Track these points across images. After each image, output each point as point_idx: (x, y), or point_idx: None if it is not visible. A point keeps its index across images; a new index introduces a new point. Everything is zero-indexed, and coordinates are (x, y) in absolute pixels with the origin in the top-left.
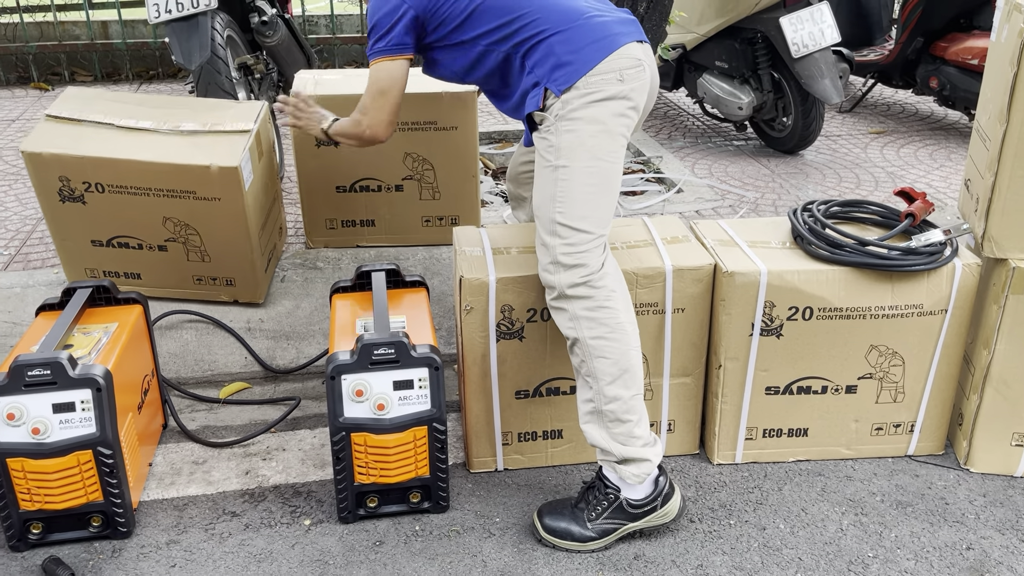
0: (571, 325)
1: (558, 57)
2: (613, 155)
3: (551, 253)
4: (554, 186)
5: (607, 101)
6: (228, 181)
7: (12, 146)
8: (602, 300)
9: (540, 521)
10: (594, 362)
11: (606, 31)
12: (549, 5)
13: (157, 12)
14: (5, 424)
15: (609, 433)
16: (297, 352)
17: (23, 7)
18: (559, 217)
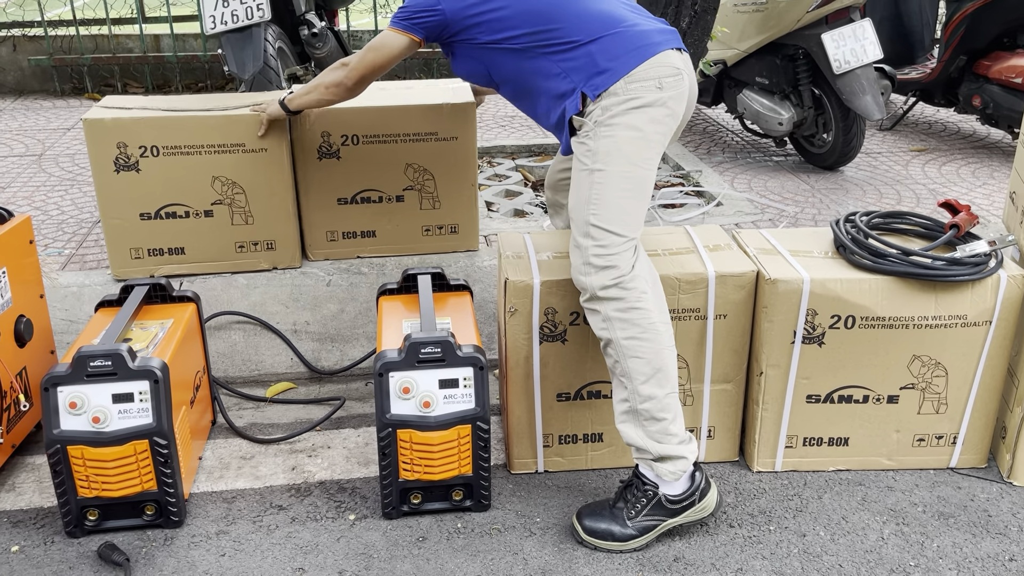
0: (604, 326)
1: (596, 64)
2: (648, 162)
3: (584, 254)
4: (589, 189)
5: (645, 108)
6: (274, 129)
7: (68, 153)
8: (633, 301)
9: (580, 523)
10: (628, 362)
11: (645, 39)
12: (587, 13)
13: (213, 24)
14: (67, 412)
15: (645, 431)
16: (341, 354)
17: (79, 20)
18: (593, 219)
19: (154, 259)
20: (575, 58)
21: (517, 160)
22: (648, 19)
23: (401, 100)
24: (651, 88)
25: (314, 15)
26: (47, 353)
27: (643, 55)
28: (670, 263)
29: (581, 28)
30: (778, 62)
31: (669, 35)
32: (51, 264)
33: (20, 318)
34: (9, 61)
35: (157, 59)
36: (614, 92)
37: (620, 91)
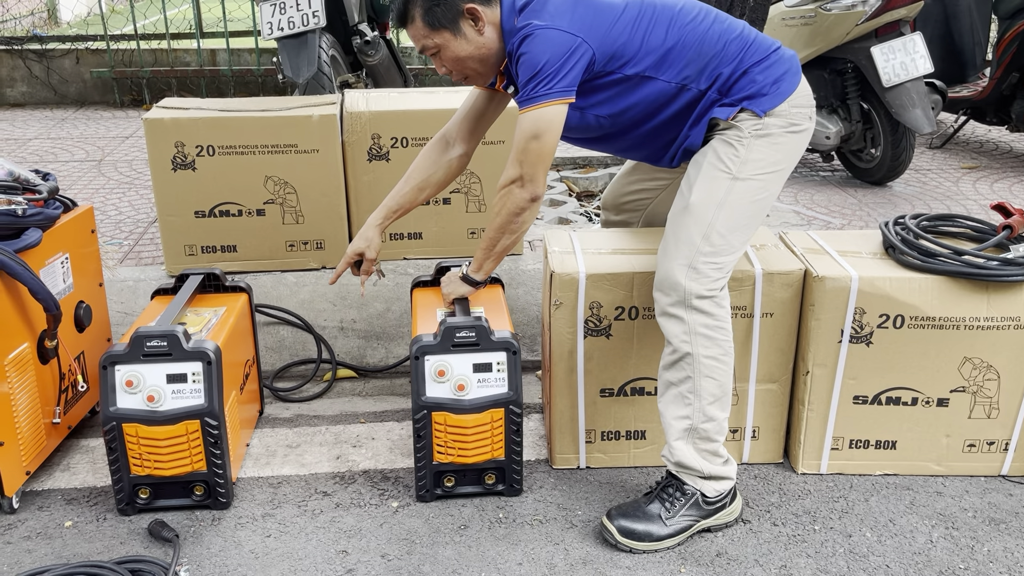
0: (686, 339)
1: (759, 85)
2: (778, 189)
3: (690, 254)
4: (727, 194)
5: (800, 135)
6: (327, 130)
7: (126, 159)
8: (722, 320)
9: (613, 524)
10: (702, 381)
11: (794, 61)
12: (743, 37)
13: (270, 30)
14: (124, 391)
15: (697, 450)
16: (386, 352)
17: (140, 35)
18: (719, 224)
19: (207, 256)
20: (738, 81)
21: (562, 172)
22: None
23: (449, 103)
24: (805, 117)
25: (366, 26)
26: (104, 340)
27: (797, 76)
28: None
29: (742, 51)
30: (826, 76)
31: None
32: (109, 259)
33: (80, 304)
34: (72, 73)
35: (213, 72)
36: (777, 112)
37: (783, 111)
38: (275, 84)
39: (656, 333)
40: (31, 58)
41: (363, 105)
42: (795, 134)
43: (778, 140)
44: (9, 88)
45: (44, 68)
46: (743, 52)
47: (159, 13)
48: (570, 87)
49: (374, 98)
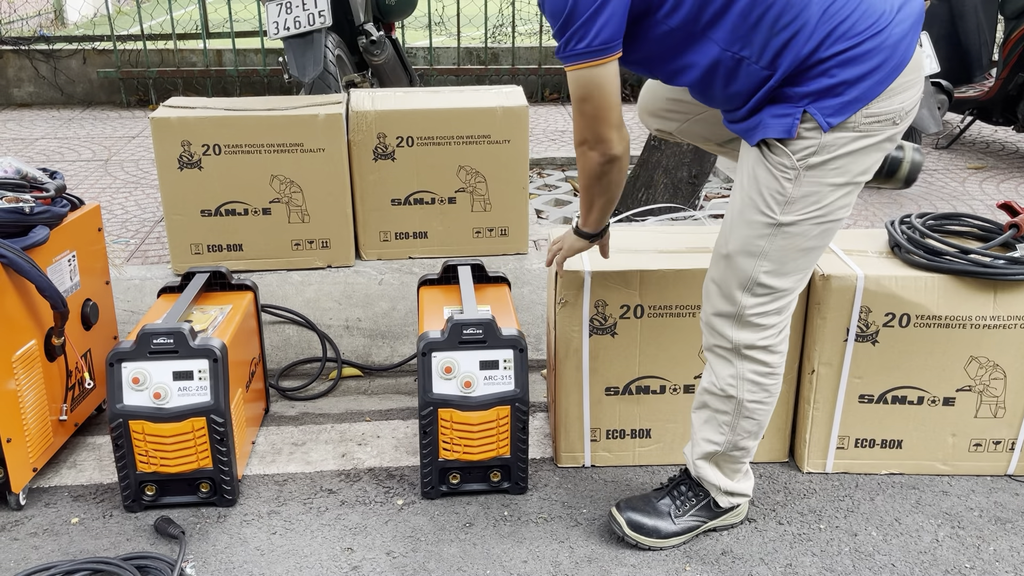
0: (732, 383)
1: (836, 76)
2: (847, 209)
3: (734, 309)
4: (767, 242)
5: (872, 149)
6: (333, 129)
7: (132, 159)
8: (775, 367)
9: (623, 516)
10: (741, 421)
11: (904, 39)
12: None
13: (276, 29)
14: (130, 388)
15: (722, 471)
16: (392, 350)
17: (147, 35)
18: (763, 277)
19: (213, 255)
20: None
21: (567, 171)
22: None
23: (455, 103)
24: (887, 125)
25: (372, 26)
26: (110, 338)
27: (896, 69)
28: None
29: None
30: None
31: (916, 15)
32: (116, 257)
33: (87, 301)
34: (79, 73)
35: (219, 73)
36: (846, 127)
37: (852, 126)
38: (281, 84)
39: (662, 331)
40: (38, 58)
41: (369, 104)
42: (865, 151)
43: (839, 164)
44: (16, 88)
45: (51, 68)
46: (827, 21)
47: (165, 14)
48: (612, 41)
49: (380, 97)
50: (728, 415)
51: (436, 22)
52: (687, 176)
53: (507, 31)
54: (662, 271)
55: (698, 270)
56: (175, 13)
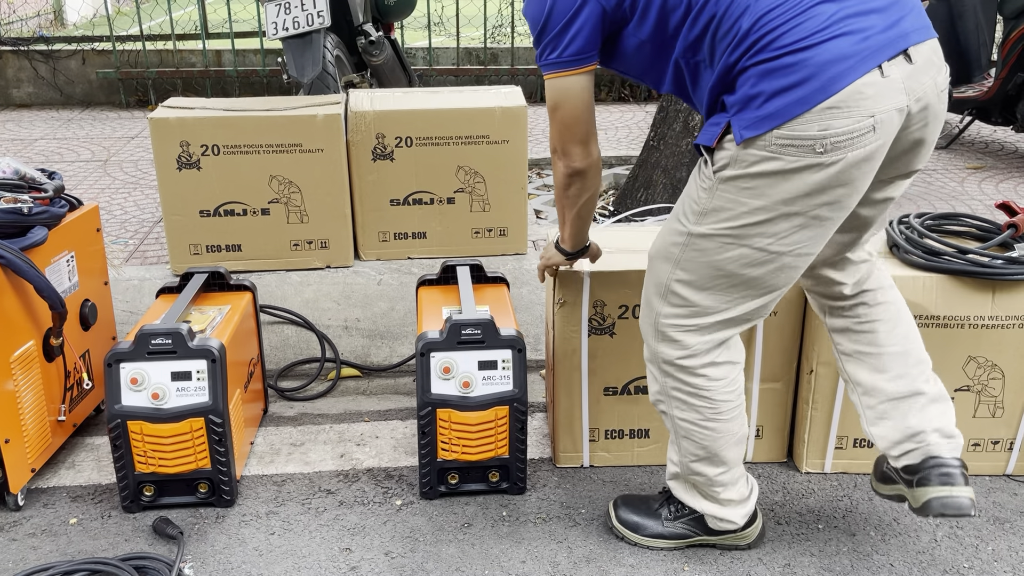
0: (660, 398)
1: (755, 87)
2: (780, 242)
3: (652, 314)
4: (679, 251)
5: (794, 176)
6: (332, 129)
7: (131, 159)
8: (703, 389)
9: (615, 511)
10: (680, 440)
11: (840, 61)
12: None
13: (275, 30)
14: (129, 388)
15: (700, 494)
16: (390, 351)
17: (146, 36)
18: (676, 285)
19: (212, 255)
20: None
21: None
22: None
23: (454, 103)
24: (805, 152)
25: (371, 26)
26: (109, 339)
27: (822, 92)
28: None
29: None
30: None
31: (887, 35)
32: (115, 258)
33: (85, 302)
34: (78, 74)
35: (218, 73)
36: (758, 144)
37: (764, 144)
38: (280, 84)
39: None
40: (37, 59)
41: (367, 105)
42: (786, 174)
43: (754, 183)
44: (15, 89)
45: (50, 69)
46: (755, 31)
47: (165, 14)
48: (584, 53)
49: (378, 98)
50: (672, 433)
51: (435, 22)
52: (686, 176)
53: (506, 31)
54: None
55: None
56: (174, 14)
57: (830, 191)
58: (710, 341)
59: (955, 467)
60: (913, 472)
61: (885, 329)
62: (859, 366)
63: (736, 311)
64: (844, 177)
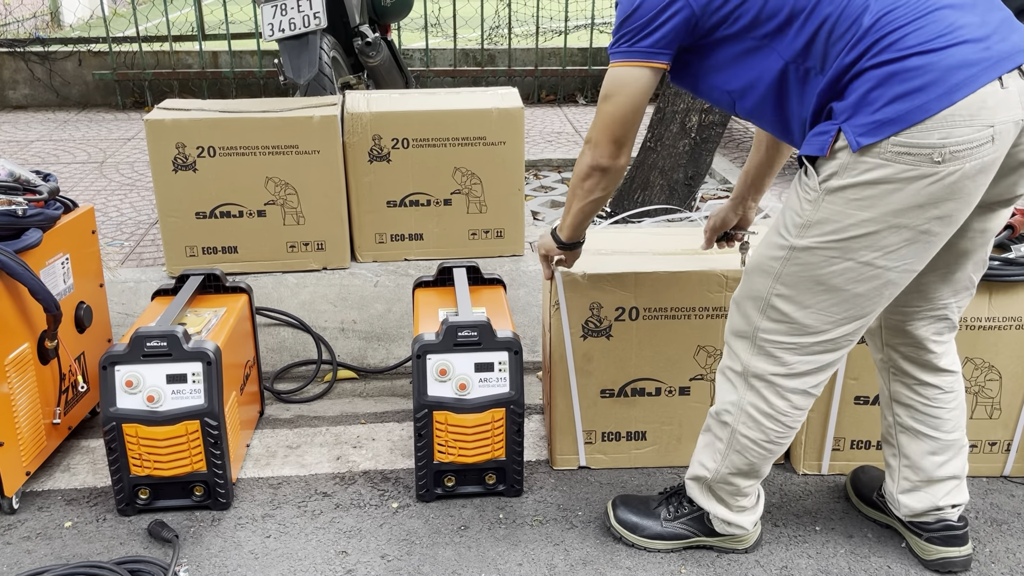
0: (730, 410)
1: (873, 91)
2: (888, 257)
3: (749, 327)
4: (781, 265)
5: (908, 186)
6: (328, 131)
7: (128, 161)
8: (780, 413)
9: (614, 511)
10: (732, 454)
11: (967, 67)
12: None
13: (271, 31)
14: (124, 391)
15: (715, 498)
16: (387, 353)
17: (142, 37)
18: (776, 300)
19: (208, 257)
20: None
21: (563, 173)
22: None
23: (451, 104)
24: (923, 161)
25: (367, 28)
26: (104, 341)
27: (946, 98)
28: (717, 258)
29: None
30: None
31: (997, 51)
32: (111, 260)
33: (81, 304)
34: (75, 75)
35: (215, 74)
36: (874, 151)
37: (879, 152)
38: (277, 86)
39: (657, 333)
40: (33, 60)
41: (364, 106)
42: (899, 183)
43: (863, 193)
44: (11, 90)
45: (46, 70)
46: (876, 30)
47: (161, 15)
48: (656, 48)
49: (375, 99)
50: (722, 443)
51: (432, 24)
52: (683, 177)
53: (503, 32)
54: (657, 273)
55: (693, 272)
56: (171, 15)
57: (943, 204)
58: (809, 363)
59: (962, 529)
60: (923, 528)
61: (952, 417)
62: (914, 442)
63: (836, 332)
64: (958, 189)
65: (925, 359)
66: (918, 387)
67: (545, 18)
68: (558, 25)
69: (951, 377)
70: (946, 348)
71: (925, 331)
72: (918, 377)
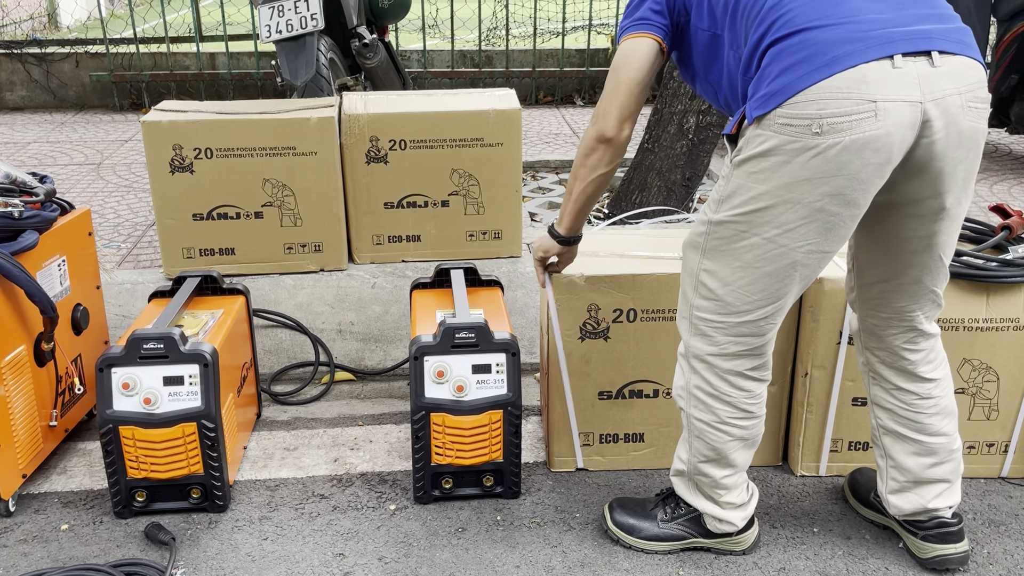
0: (681, 394)
1: (767, 67)
2: (787, 235)
3: (685, 305)
4: (704, 239)
5: (793, 159)
6: (325, 132)
7: (125, 163)
8: (725, 395)
9: (611, 514)
10: (692, 440)
11: (856, 41)
12: None
13: (268, 32)
14: (120, 393)
15: (702, 493)
16: (384, 354)
17: (139, 39)
18: (703, 275)
19: (205, 259)
20: (772, 52)
21: (561, 174)
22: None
23: (448, 106)
24: (803, 132)
25: (365, 28)
26: (101, 343)
27: (827, 68)
28: None
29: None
30: None
31: (903, 31)
32: (107, 262)
33: (77, 306)
34: (72, 77)
35: (212, 76)
36: (764, 123)
37: (768, 123)
38: (274, 87)
39: (655, 335)
40: (30, 62)
41: (361, 108)
42: (785, 155)
43: (759, 166)
44: (8, 92)
45: (43, 72)
46: (776, 9)
47: (158, 17)
48: (646, 20)
49: (372, 101)
50: (685, 430)
51: (430, 25)
52: (681, 179)
53: (501, 34)
54: (655, 275)
55: None
56: (168, 16)
57: (830, 180)
58: (738, 344)
59: (956, 526)
60: (917, 527)
61: (933, 422)
62: (896, 444)
63: (756, 314)
64: (843, 164)
65: (900, 365)
66: (895, 392)
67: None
68: (556, 27)
69: (929, 385)
70: (923, 356)
71: (896, 340)
72: (893, 382)
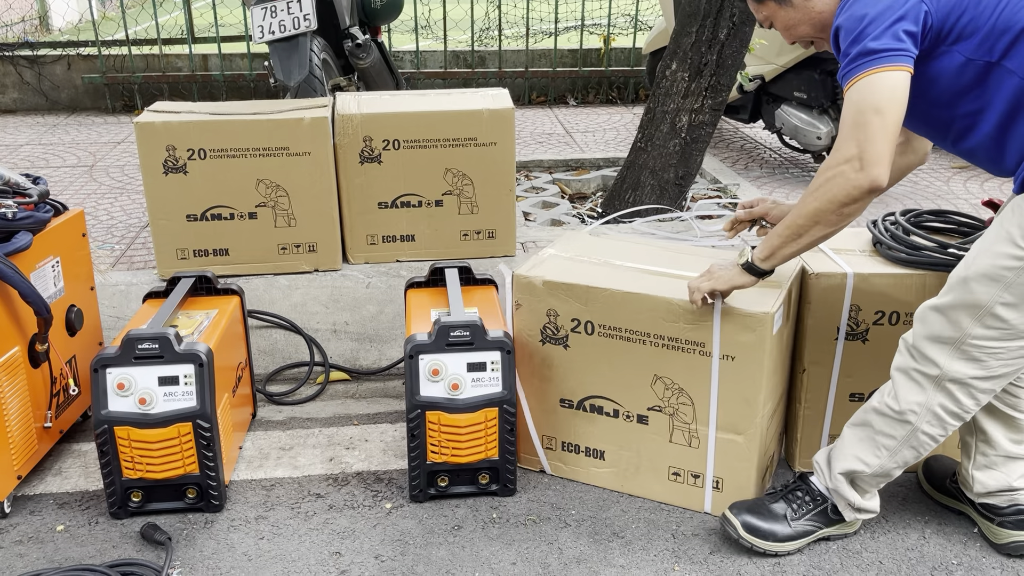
0: (916, 411)
1: None
2: None
3: (958, 335)
4: (1014, 275)
5: None
6: (318, 132)
7: (118, 164)
8: (967, 411)
9: (738, 519)
10: (905, 450)
11: None
12: None
13: (262, 33)
14: (115, 393)
15: (855, 488)
16: (379, 354)
17: (132, 41)
18: (999, 308)
19: (199, 260)
20: None
21: (554, 174)
22: None
23: (441, 105)
24: None
25: (358, 29)
26: (95, 344)
27: None
28: (676, 287)
29: None
30: (816, 76)
31: None
32: (101, 263)
33: (71, 307)
34: (64, 79)
35: (205, 78)
36: None
37: None
38: (267, 89)
39: (615, 353)
40: (22, 64)
41: (354, 108)
42: None
43: None
44: (0, 94)
45: (35, 74)
46: None
47: (151, 19)
48: (900, 52)
49: (365, 101)
50: (894, 440)
51: (423, 25)
52: (674, 177)
53: (494, 34)
54: (610, 291)
55: (644, 295)
56: (160, 18)
57: None
58: (1009, 366)
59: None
60: (995, 512)
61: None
62: (990, 420)
63: None
64: None
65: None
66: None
67: (535, 20)
68: (548, 27)
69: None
70: None
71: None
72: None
